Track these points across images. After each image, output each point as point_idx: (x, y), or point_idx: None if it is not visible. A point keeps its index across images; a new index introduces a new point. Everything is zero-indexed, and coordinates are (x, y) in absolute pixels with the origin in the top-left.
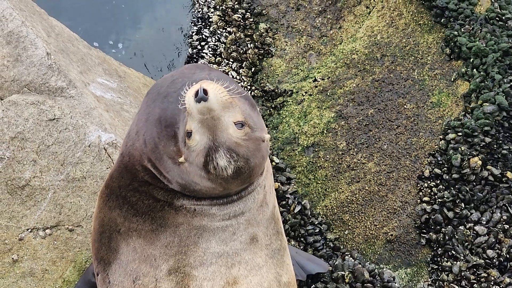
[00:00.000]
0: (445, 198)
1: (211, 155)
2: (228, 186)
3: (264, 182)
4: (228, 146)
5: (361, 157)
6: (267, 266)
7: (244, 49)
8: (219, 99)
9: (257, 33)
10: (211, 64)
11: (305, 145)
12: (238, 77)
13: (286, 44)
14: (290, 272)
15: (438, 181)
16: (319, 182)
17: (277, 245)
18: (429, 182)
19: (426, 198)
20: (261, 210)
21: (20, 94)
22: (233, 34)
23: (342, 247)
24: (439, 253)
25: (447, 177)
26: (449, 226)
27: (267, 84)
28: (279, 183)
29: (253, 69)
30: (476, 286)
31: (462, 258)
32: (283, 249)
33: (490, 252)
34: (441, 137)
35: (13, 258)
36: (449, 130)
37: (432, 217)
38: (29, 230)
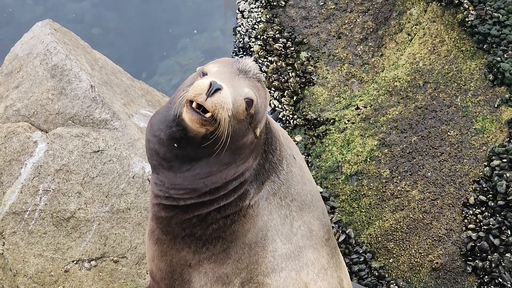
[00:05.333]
0: (490, 225)
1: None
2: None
3: (291, 152)
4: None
5: (405, 185)
6: (330, 268)
7: (286, 77)
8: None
9: (299, 61)
10: None
11: (349, 174)
12: (280, 106)
13: (328, 72)
14: (348, 277)
15: (484, 208)
16: (363, 210)
17: (334, 241)
18: (474, 209)
19: (471, 226)
20: (305, 189)
21: (64, 126)
22: (274, 63)
23: (387, 276)
24: (485, 281)
25: (492, 204)
26: (495, 254)
27: (309, 112)
28: None
29: (295, 97)
30: None
31: (509, 285)
32: (337, 246)
33: None
34: (485, 163)
35: None
36: (493, 157)
37: (478, 244)
38: (75, 262)
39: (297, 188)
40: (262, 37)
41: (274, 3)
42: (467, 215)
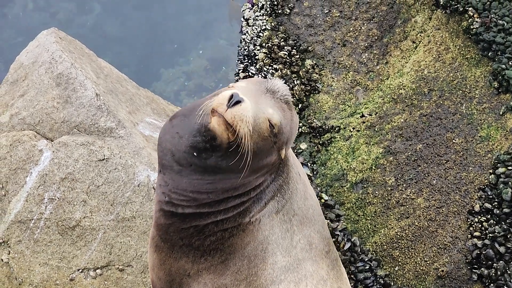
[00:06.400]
0: (496, 233)
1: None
2: None
3: (297, 170)
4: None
5: (410, 193)
6: (330, 280)
7: (291, 85)
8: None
9: (304, 69)
10: None
11: (354, 182)
12: None
13: (333, 80)
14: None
15: (489, 216)
16: (368, 218)
17: (335, 253)
18: (479, 217)
19: (476, 233)
20: (307, 204)
21: (70, 135)
22: (279, 71)
23: (392, 284)
24: None
25: (497, 211)
26: (501, 261)
27: (314, 120)
28: (328, 221)
29: (300, 105)
30: None
31: None
32: (338, 258)
33: None
34: (490, 171)
35: None
36: (498, 164)
37: (483, 252)
38: (80, 271)
39: (299, 204)
40: (267, 45)
41: (279, 11)
42: (472, 222)
